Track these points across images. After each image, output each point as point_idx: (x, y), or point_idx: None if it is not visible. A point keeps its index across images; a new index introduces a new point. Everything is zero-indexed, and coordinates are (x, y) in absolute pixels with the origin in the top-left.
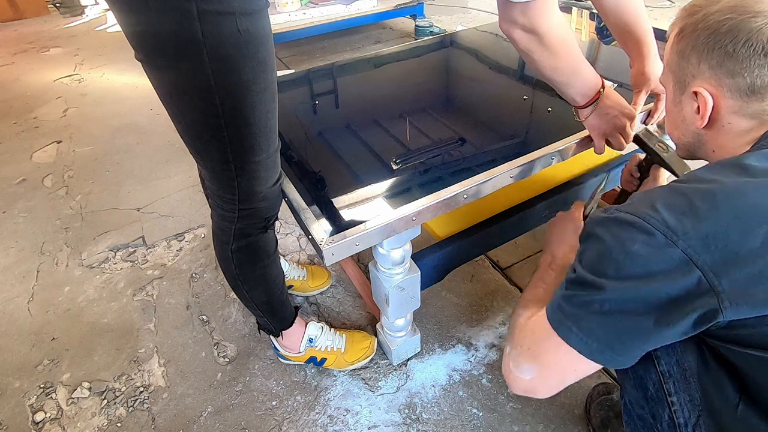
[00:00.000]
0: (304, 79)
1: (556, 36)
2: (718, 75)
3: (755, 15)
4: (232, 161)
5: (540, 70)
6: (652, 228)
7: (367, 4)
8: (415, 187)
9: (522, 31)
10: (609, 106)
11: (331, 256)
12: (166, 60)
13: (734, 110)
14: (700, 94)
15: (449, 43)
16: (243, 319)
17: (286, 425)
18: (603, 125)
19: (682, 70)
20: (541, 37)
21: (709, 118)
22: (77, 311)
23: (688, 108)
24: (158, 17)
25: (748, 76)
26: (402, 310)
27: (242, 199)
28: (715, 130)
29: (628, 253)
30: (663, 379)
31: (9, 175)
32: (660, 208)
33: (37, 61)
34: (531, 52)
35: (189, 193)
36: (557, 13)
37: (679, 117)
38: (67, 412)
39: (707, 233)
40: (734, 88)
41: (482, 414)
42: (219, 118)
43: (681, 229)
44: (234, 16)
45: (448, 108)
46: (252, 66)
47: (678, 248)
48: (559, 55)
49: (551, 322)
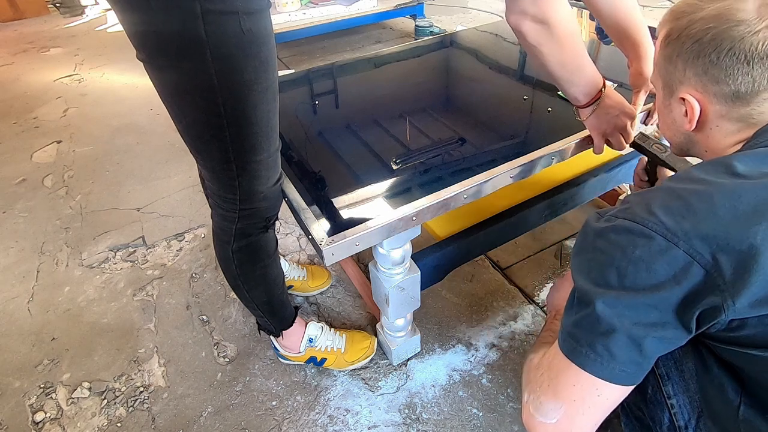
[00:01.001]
0: (304, 79)
1: (566, 28)
2: (704, 82)
3: (738, 24)
4: (234, 161)
5: (546, 66)
6: (651, 232)
7: (367, 4)
8: (415, 187)
9: (532, 22)
10: (610, 106)
11: (331, 256)
12: (168, 60)
13: (721, 114)
14: (687, 100)
15: (449, 43)
16: (243, 319)
17: (286, 425)
18: (603, 125)
19: (670, 74)
20: (551, 29)
21: (697, 122)
22: (77, 311)
23: (677, 111)
24: (161, 17)
25: (732, 83)
26: (402, 310)
27: (243, 198)
28: (704, 132)
29: (631, 259)
30: (661, 381)
31: (9, 175)
32: (657, 212)
33: (37, 61)
34: (540, 45)
35: (189, 193)
36: (566, 4)
37: (669, 119)
38: (67, 412)
39: (707, 233)
40: (719, 94)
41: (482, 414)
42: (221, 117)
43: (681, 230)
44: (237, 16)
45: (448, 108)
46: (254, 65)
47: (680, 249)
48: (566, 49)
49: (564, 351)
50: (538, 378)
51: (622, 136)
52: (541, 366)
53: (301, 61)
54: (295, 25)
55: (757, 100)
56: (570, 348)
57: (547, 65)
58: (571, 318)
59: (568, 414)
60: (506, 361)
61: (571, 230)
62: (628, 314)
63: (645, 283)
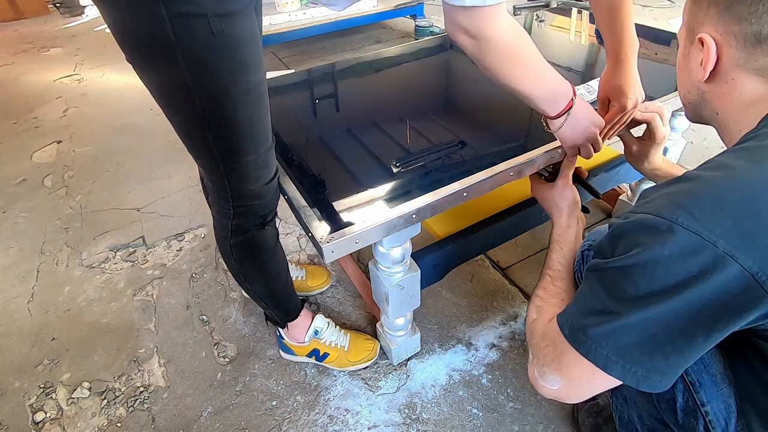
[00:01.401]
0: (303, 80)
1: (503, 40)
2: (725, 20)
3: None
4: (220, 161)
5: (499, 81)
6: (681, 228)
7: (367, 4)
8: (414, 188)
9: (467, 36)
10: (582, 117)
11: (331, 254)
12: (144, 61)
13: (738, 62)
14: (704, 40)
15: (449, 43)
16: (243, 319)
17: (286, 425)
18: (575, 136)
19: (693, 16)
20: (488, 44)
21: (712, 72)
22: (77, 311)
23: (694, 59)
24: (132, 19)
25: (756, 22)
26: (402, 309)
27: (235, 196)
28: (718, 85)
29: (659, 259)
30: (693, 389)
31: (9, 175)
32: (685, 204)
33: (37, 61)
34: (482, 60)
35: (189, 193)
36: (505, 18)
37: (686, 71)
38: (67, 412)
39: (745, 227)
40: (740, 35)
41: (482, 414)
42: (201, 118)
43: (715, 225)
44: (206, 18)
45: (448, 109)
46: (229, 68)
47: (717, 247)
48: (514, 63)
49: (570, 340)
50: (542, 348)
51: (592, 145)
52: (546, 337)
53: (301, 61)
54: (295, 25)
55: None
56: (576, 339)
57: (499, 79)
58: (582, 307)
59: (569, 386)
60: (506, 361)
61: None
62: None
63: (675, 281)
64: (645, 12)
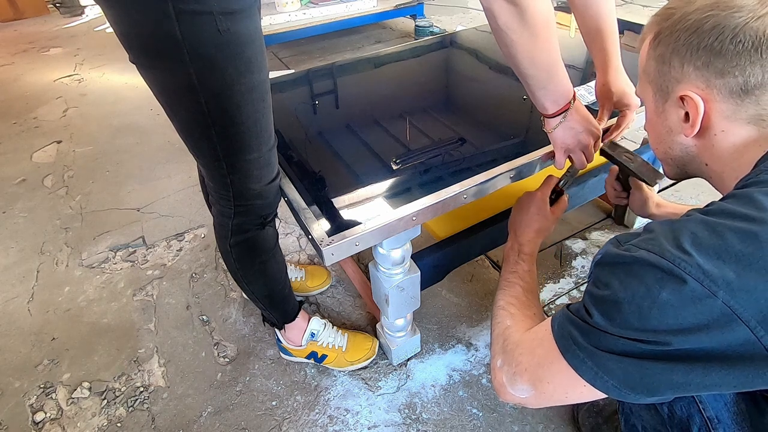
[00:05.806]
0: (303, 79)
1: (541, 17)
2: (706, 76)
3: (738, 10)
4: (223, 159)
5: (515, 57)
6: (684, 274)
7: (367, 4)
8: (414, 187)
9: (505, 1)
10: (577, 120)
11: (331, 256)
12: (150, 60)
13: (727, 115)
14: (688, 98)
15: (449, 43)
16: (243, 319)
17: (286, 425)
18: (568, 140)
19: (663, 76)
20: (524, 13)
21: (699, 127)
22: (77, 311)
23: (673, 117)
24: (138, 17)
25: (740, 74)
26: (402, 310)
27: (236, 195)
28: (706, 139)
29: (655, 301)
30: (710, 425)
31: (9, 175)
32: (690, 249)
33: (37, 61)
34: (510, 30)
35: (189, 193)
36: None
37: (663, 129)
38: (67, 412)
39: (754, 283)
40: (724, 88)
41: (482, 414)
42: (206, 117)
43: (721, 276)
44: (213, 16)
45: (448, 108)
46: (235, 66)
47: (719, 299)
48: (539, 41)
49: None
50: (516, 356)
51: (584, 154)
52: (521, 345)
53: (301, 61)
54: (295, 25)
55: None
56: (566, 347)
57: (516, 57)
58: (576, 321)
59: (539, 396)
60: None
61: (571, 230)
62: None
63: (668, 326)
64: (645, 12)
